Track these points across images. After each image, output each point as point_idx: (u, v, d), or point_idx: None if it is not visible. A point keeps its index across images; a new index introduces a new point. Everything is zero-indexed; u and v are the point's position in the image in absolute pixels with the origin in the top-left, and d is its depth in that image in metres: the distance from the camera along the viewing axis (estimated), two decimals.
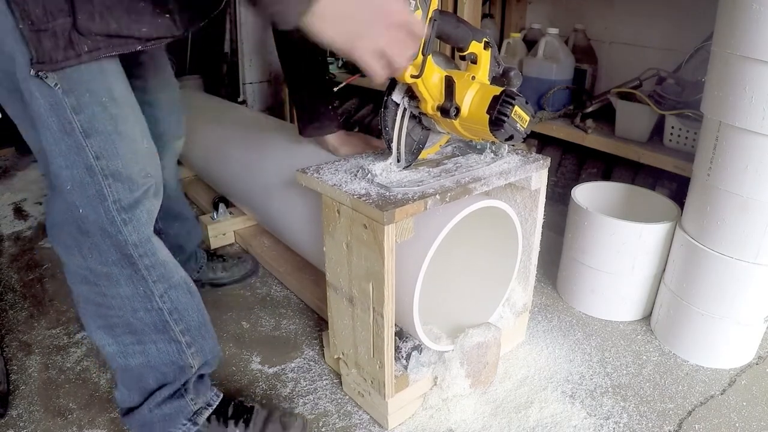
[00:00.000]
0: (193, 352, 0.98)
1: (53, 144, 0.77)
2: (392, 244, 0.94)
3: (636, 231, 1.34)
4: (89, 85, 0.76)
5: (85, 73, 0.75)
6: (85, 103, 0.76)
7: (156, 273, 0.89)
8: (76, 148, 0.77)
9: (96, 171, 0.79)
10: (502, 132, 0.94)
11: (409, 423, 1.14)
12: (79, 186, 0.79)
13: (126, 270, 0.87)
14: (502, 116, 0.92)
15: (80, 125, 0.76)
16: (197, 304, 0.98)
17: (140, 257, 0.87)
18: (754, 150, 1.10)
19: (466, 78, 0.97)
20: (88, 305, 0.90)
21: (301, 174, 1.08)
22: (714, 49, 1.15)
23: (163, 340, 0.94)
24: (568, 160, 2.08)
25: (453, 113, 0.95)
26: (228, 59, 3.14)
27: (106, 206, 0.81)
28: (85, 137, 0.77)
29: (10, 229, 1.97)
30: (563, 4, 2.16)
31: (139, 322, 0.91)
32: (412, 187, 0.99)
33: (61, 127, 0.76)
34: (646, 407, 1.18)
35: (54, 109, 0.75)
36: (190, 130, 1.92)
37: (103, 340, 0.93)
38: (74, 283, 0.90)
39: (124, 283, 0.88)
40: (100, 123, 0.78)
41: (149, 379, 0.96)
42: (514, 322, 1.30)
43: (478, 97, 0.95)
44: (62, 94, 0.74)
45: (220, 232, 1.84)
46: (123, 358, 0.94)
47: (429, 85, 0.95)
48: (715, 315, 1.26)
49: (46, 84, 0.74)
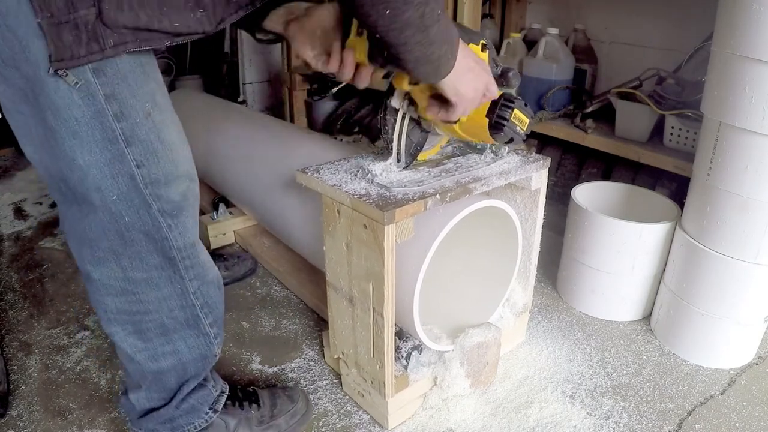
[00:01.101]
0: (218, 342, 0.99)
1: (96, 154, 0.73)
2: (392, 244, 0.94)
3: (636, 231, 1.34)
4: (134, 91, 0.73)
5: (130, 78, 0.72)
6: (129, 111, 0.73)
7: (193, 272, 0.89)
8: (120, 156, 0.74)
9: (137, 179, 0.77)
10: (501, 135, 0.94)
11: (409, 423, 1.14)
12: (125, 195, 0.77)
13: (166, 272, 0.85)
14: (502, 120, 0.92)
15: (122, 133, 0.73)
16: (222, 296, 0.98)
17: (182, 260, 0.86)
18: (754, 150, 1.10)
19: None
20: (119, 315, 0.88)
21: (301, 174, 1.08)
22: (714, 49, 1.15)
23: (192, 335, 0.94)
24: (568, 160, 2.08)
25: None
26: (228, 59, 3.15)
27: (152, 213, 0.80)
28: (127, 145, 0.74)
29: (10, 229, 1.97)
30: (563, 4, 2.16)
31: (173, 321, 0.90)
32: (413, 187, 0.99)
33: (104, 136, 0.73)
34: (646, 407, 1.18)
35: (97, 117, 0.71)
36: (190, 130, 1.92)
37: (134, 346, 0.90)
38: (105, 295, 0.86)
39: (163, 285, 0.86)
40: (143, 131, 0.75)
41: (175, 377, 0.96)
42: (514, 322, 1.30)
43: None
44: (104, 101, 0.71)
45: (220, 232, 1.84)
46: (154, 362, 0.92)
47: (427, 92, 0.95)
48: (715, 315, 1.26)
49: (85, 89, 0.69)
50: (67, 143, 0.72)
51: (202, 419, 1.01)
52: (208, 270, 0.93)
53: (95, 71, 0.69)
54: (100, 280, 0.85)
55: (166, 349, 0.92)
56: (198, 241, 0.90)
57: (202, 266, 0.91)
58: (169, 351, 0.93)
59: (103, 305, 0.88)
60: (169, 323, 0.91)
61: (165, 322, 0.90)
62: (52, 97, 0.69)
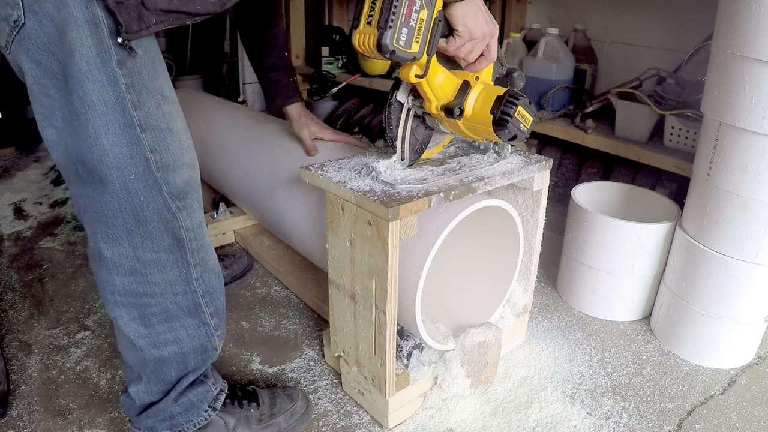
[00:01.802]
0: (219, 335, 1.01)
1: (119, 135, 0.81)
2: (396, 241, 0.94)
3: (636, 231, 1.34)
4: (146, 84, 0.81)
5: (143, 73, 0.81)
6: (143, 101, 0.81)
7: (198, 256, 0.93)
8: (137, 140, 0.82)
9: (151, 162, 0.84)
10: (505, 132, 0.94)
11: (409, 423, 1.14)
12: (141, 176, 0.84)
13: (174, 254, 0.90)
14: (506, 116, 0.93)
15: (138, 120, 0.81)
16: (223, 288, 1.01)
17: (190, 241, 0.91)
18: (754, 150, 1.10)
19: (471, 78, 0.98)
20: (126, 297, 0.91)
21: (304, 171, 1.08)
22: (714, 49, 1.15)
23: (194, 324, 0.96)
24: (568, 160, 2.08)
25: (457, 113, 0.96)
26: (228, 59, 3.15)
27: (163, 195, 0.86)
28: (142, 131, 0.82)
29: (10, 229, 1.97)
30: (563, 4, 2.16)
31: (176, 307, 0.93)
32: (416, 184, 0.99)
33: (125, 120, 0.80)
34: (646, 407, 1.18)
35: (119, 103, 0.79)
36: (191, 129, 1.92)
37: (137, 332, 0.93)
38: (114, 275, 0.90)
39: (170, 268, 0.91)
40: (154, 120, 0.83)
41: (175, 368, 0.97)
42: (514, 323, 1.30)
43: (481, 98, 0.96)
44: (125, 90, 0.79)
45: (221, 232, 1.84)
46: (156, 349, 0.94)
47: (433, 85, 0.96)
48: (715, 315, 1.26)
49: (119, 73, 0.78)
50: (92, 124, 0.79)
51: (201, 417, 1.01)
52: (210, 255, 0.97)
53: (119, 63, 0.78)
54: (111, 258, 0.88)
55: (168, 337, 0.94)
56: (203, 222, 0.94)
57: (206, 250, 0.95)
58: (170, 339, 0.95)
59: (111, 285, 0.90)
60: (173, 309, 0.93)
61: (169, 307, 0.93)
62: (83, 81, 0.77)
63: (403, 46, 0.88)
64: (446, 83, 0.98)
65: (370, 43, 0.89)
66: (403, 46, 0.89)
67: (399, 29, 0.87)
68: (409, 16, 0.88)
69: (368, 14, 0.90)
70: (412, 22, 0.88)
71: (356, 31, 0.92)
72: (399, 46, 0.88)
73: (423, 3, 0.87)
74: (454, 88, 0.99)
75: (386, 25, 0.87)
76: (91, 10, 0.74)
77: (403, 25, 0.87)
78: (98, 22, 0.75)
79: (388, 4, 0.87)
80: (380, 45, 0.88)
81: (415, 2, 0.87)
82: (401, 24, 0.87)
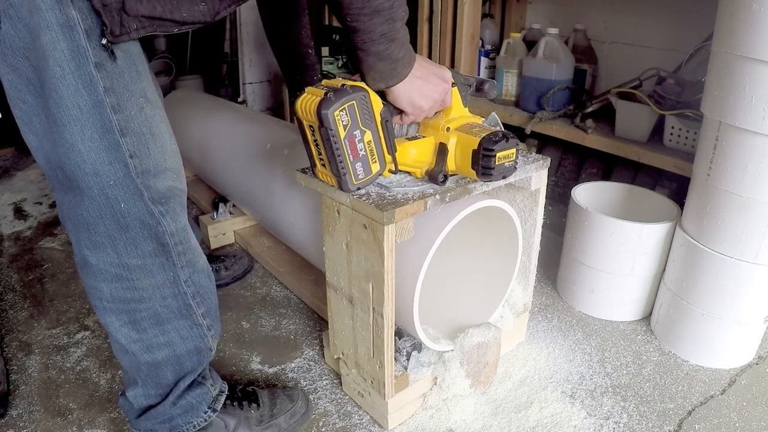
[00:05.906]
0: (213, 335, 1.00)
1: (96, 140, 0.78)
2: (392, 244, 0.94)
3: (636, 231, 1.34)
4: (128, 86, 0.79)
5: (126, 74, 0.78)
6: (124, 104, 0.79)
7: (185, 258, 0.91)
8: (116, 145, 0.79)
9: (130, 168, 0.82)
10: (493, 178, 0.96)
11: (409, 423, 1.14)
12: (121, 182, 0.82)
13: (160, 259, 0.88)
14: (488, 170, 0.94)
15: (118, 124, 0.79)
16: (214, 287, 1.00)
17: (175, 245, 0.89)
18: (754, 150, 1.10)
19: (443, 135, 0.99)
20: (114, 303, 0.90)
21: (300, 174, 1.08)
22: (714, 49, 1.15)
23: (186, 326, 0.95)
24: (568, 160, 2.08)
25: (441, 180, 0.98)
26: (228, 59, 3.14)
27: (144, 201, 0.84)
28: (122, 136, 0.80)
29: (10, 229, 1.97)
30: (563, 4, 2.16)
31: (166, 310, 0.92)
32: (412, 187, 0.99)
33: (103, 125, 0.78)
34: (646, 407, 1.18)
35: (97, 107, 0.77)
36: (190, 130, 1.92)
37: (129, 337, 0.92)
38: (101, 281, 0.89)
39: (156, 272, 0.89)
40: (136, 124, 0.81)
41: (171, 371, 0.96)
42: (514, 322, 1.30)
43: (458, 154, 0.98)
44: (104, 93, 0.77)
45: (220, 232, 1.84)
46: (149, 353, 0.93)
47: (410, 162, 0.99)
48: (715, 315, 1.26)
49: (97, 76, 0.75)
50: (68, 129, 0.77)
51: (201, 418, 1.01)
52: (198, 256, 0.95)
53: (97, 65, 0.75)
54: (96, 265, 0.87)
55: (160, 340, 0.93)
56: (188, 225, 0.93)
57: (192, 252, 0.93)
58: (163, 342, 0.94)
59: (98, 292, 0.89)
60: (163, 312, 0.92)
61: (159, 311, 0.92)
62: (57, 85, 0.74)
63: (364, 178, 0.90)
64: (421, 152, 1.00)
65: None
66: (364, 177, 0.90)
67: (353, 169, 0.89)
68: (354, 150, 0.88)
69: (318, 157, 0.92)
70: (362, 153, 0.89)
71: (316, 170, 0.96)
72: (361, 181, 0.90)
73: (362, 126, 0.87)
74: (431, 150, 1.00)
75: (339, 173, 0.89)
76: (65, 12, 0.71)
77: (354, 162, 0.88)
78: (73, 24, 0.72)
79: (330, 151, 0.87)
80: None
81: (355, 135, 0.86)
82: (352, 163, 0.88)
